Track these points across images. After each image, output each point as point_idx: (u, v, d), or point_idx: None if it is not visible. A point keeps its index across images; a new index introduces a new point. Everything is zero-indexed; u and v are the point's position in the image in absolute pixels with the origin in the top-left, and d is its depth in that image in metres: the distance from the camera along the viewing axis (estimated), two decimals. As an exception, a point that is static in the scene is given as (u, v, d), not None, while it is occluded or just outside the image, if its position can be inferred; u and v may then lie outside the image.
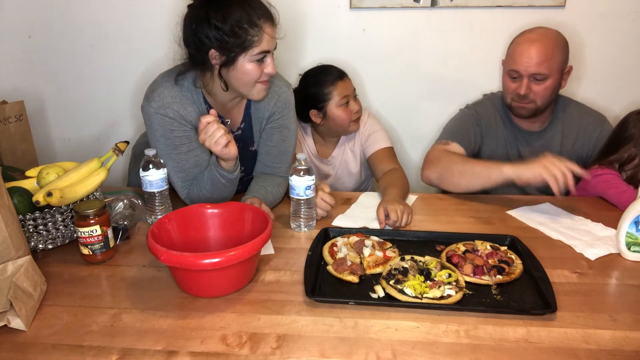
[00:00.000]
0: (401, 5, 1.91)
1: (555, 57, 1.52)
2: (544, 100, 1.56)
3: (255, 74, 1.28)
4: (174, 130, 1.34)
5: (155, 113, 1.33)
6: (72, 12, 2.03)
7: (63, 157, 2.12)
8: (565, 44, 1.56)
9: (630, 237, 1.17)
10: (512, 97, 1.59)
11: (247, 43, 1.23)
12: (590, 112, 1.68)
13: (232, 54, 1.24)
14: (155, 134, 1.35)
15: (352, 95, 1.74)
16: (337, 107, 1.71)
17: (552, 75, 1.53)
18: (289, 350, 0.88)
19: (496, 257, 1.14)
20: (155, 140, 1.36)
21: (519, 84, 1.55)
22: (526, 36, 1.55)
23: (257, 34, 1.23)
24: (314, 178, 1.30)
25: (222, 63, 1.27)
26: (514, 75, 1.56)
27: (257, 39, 1.23)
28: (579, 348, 0.88)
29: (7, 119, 1.85)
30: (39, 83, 2.15)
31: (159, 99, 1.33)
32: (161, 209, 1.37)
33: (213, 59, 1.27)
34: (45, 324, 0.96)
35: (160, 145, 1.36)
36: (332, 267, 1.12)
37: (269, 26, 1.25)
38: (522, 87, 1.54)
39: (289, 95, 1.48)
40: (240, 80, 1.29)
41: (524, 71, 1.52)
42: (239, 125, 1.47)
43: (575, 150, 1.65)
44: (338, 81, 1.71)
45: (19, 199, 1.17)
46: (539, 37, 1.52)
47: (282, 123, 1.47)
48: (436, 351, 0.88)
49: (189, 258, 0.96)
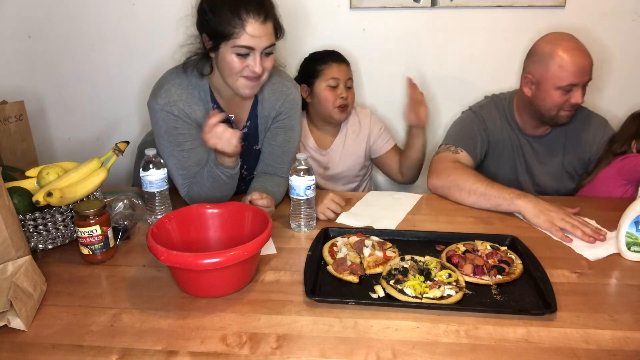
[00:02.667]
0: (401, 5, 1.91)
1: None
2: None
3: (236, 67, 1.27)
4: (178, 127, 1.34)
5: (161, 110, 1.33)
6: (72, 12, 2.03)
7: (63, 157, 2.12)
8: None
9: (630, 237, 1.17)
10: (561, 108, 1.54)
11: (227, 32, 1.23)
12: (592, 115, 1.68)
13: (216, 40, 1.26)
14: (160, 130, 1.36)
15: (343, 81, 1.75)
16: (324, 87, 1.74)
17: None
18: (289, 350, 0.88)
19: (496, 257, 1.14)
20: (159, 136, 1.37)
21: (573, 94, 1.51)
22: (565, 45, 1.49)
23: (238, 27, 1.22)
24: (314, 178, 1.30)
25: (210, 48, 1.29)
26: (569, 88, 1.51)
27: (237, 32, 1.22)
28: (579, 348, 0.88)
29: (7, 118, 1.85)
30: (39, 83, 2.15)
31: (166, 96, 1.33)
32: (161, 209, 1.37)
33: (205, 43, 1.30)
34: (45, 324, 0.96)
35: (164, 142, 1.36)
36: (332, 267, 1.12)
37: (255, 23, 1.22)
38: (580, 96, 1.50)
39: (296, 96, 1.49)
40: (223, 70, 1.30)
41: (581, 81, 1.49)
42: (245, 123, 1.47)
43: (577, 153, 1.65)
44: (333, 62, 1.74)
45: (19, 199, 1.17)
46: (577, 43, 1.50)
47: (288, 124, 1.47)
48: (436, 351, 0.88)
49: (189, 258, 0.96)
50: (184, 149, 1.36)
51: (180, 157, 1.37)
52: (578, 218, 1.32)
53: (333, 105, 1.75)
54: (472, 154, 1.60)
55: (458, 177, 1.49)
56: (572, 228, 1.28)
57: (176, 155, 1.37)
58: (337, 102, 1.75)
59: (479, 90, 1.84)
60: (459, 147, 1.60)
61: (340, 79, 1.74)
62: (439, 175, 1.54)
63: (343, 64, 1.77)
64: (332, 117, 1.78)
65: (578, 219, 1.31)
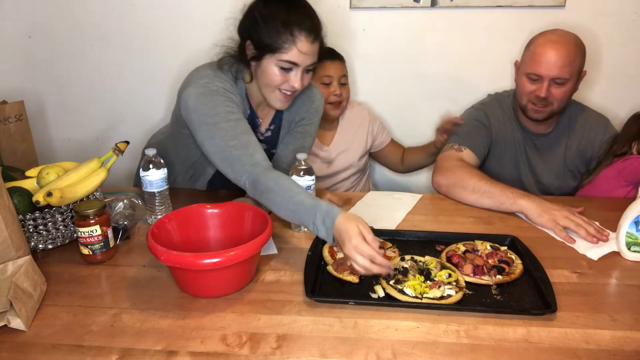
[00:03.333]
0: (401, 5, 1.91)
1: (576, 61, 1.49)
2: (560, 104, 1.54)
3: (277, 80, 1.27)
4: (227, 102, 1.27)
5: (209, 90, 1.27)
6: (72, 12, 2.03)
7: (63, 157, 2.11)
8: (583, 47, 1.53)
9: (630, 237, 1.17)
10: (529, 99, 1.56)
11: (276, 45, 1.23)
12: (593, 115, 1.68)
13: (261, 50, 1.26)
14: (204, 108, 1.25)
15: (337, 79, 1.77)
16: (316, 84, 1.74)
17: (571, 79, 1.50)
18: (289, 350, 0.88)
19: (496, 257, 1.14)
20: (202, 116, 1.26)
21: (539, 87, 1.51)
22: (548, 37, 1.50)
23: (288, 42, 1.22)
24: (314, 178, 1.30)
25: (252, 56, 1.29)
26: (534, 77, 1.52)
27: (287, 47, 1.23)
28: (579, 348, 0.88)
29: (7, 119, 1.85)
30: (39, 83, 2.15)
31: (210, 80, 1.29)
32: (161, 209, 1.37)
33: (247, 50, 1.29)
34: (45, 324, 0.96)
35: (208, 119, 1.24)
36: (332, 267, 1.12)
37: (305, 41, 1.23)
38: (543, 90, 1.50)
39: (320, 104, 1.51)
40: (262, 79, 1.31)
41: (545, 74, 1.49)
42: (268, 127, 1.47)
43: (579, 151, 1.65)
44: (326, 60, 1.75)
45: (19, 199, 1.17)
46: (561, 39, 1.49)
47: (308, 130, 1.49)
48: (436, 351, 0.88)
49: (188, 258, 0.96)
50: (230, 119, 1.25)
51: (227, 127, 1.24)
52: (582, 217, 1.31)
53: (326, 102, 1.76)
54: (475, 151, 1.61)
55: (461, 175, 1.49)
56: (576, 227, 1.27)
57: (223, 127, 1.23)
58: (330, 99, 1.76)
59: (479, 90, 1.84)
60: (462, 145, 1.60)
61: (334, 77, 1.76)
62: (443, 174, 1.54)
63: (336, 61, 1.78)
64: (326, 113, 1.79)
65: (582, 217, 1.31)
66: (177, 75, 2.05)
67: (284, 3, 1.26)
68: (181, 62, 2.03)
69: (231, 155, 1.22)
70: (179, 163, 1.54)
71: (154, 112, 2.14)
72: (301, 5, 1.28)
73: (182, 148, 1.49)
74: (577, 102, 1.70)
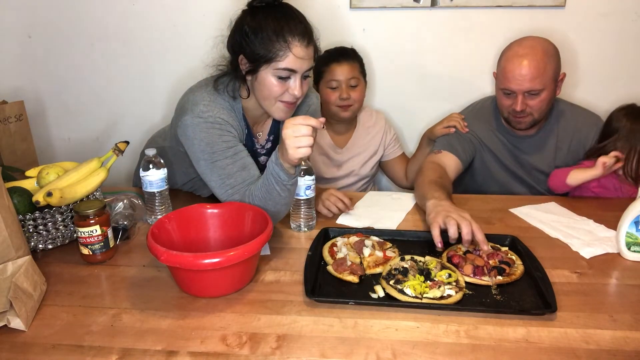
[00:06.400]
0: (401, 5, 1.91)
1: (547, 69, 1.47)
2: (540, 112, 1.55)
3: (276, 90, 1.25)
4: (223, 135, 1.28)
5: (205, 122, 1.26)
6: (72, 12, 2.03)
7: (63, 157, 2.12)
8: (555, 52, 1.52)
9: (630, 237, 1.17)
10: (508, 112, 1.57)
11: (270, 55, 1.21)
12: (583, 113, 1.68)
13: (256, 63, 1.23)
14: (200, 144, 1.27)
15: (345, 82, 1.74)
16: (324, 88, 1.76)
17: (546, 88, 1.49)
18: (289, 350, 0.88)
19: (497, 258, 1.14)
20: (199, 152, 1.28)
21: (514, 101, 1.52)
22: (515, 51, 1.50)
23: (283, 50, 1.20)
24: (314, 178, 1.30)
25: (248, 70, 1.26)
26: (507, 92, 1.52)
27: (282, 54, 1.21)
28: (579, 348, 0.88)
29: (7, 119, 1.85)
30: (39, 83, 2.15)
31: (206, 109, 1.27)
32: (161, 209, 1.37)
33: (241, 65, 1.27)
34: (45, 324, 0.96)
35: (205, 156, 1.27)
36: (332, 267, 1.12)
37: (299, 46, 1.21)
38: (518, 104, 1.50)
39: (317, 107, 1.50)
40: (260, 93, 1.28)
41: (517, 89, 1.49)
42: (267, 138, 1.47)
43: (570, 151, 1.65)
44: (332, 63, 1.74)
45: (19, 199, 1.17)
46: (529, 50, 1.48)
47: None
48: (436, 351, 0.88)
49: (188, 258, 0.96)
50: (227, 155, 1.28)
51: (224, 165, 1.27)
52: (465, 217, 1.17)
53: (334, 104, 1.76)
54: (455, 152, 1.62)
55: (422, 177, 1.51)
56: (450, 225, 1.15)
57: (220, 164, 1.27)
58: (337, 103, 1.75)
59: (478, 90, 1.84)
60: (438, 148, 1.65)
61: (341, 80, 1.73)
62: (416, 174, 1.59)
63: (345, 63, 1.74)
64: (336, 115, 1.78)
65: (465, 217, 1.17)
66: (177, 75, 2.05)
67: (271, 12, 1.23)
68: (181, 62, 2.03)
69: (230, 192, 1.27)
70: (179, 174, 1.54)
71: (154, 112, 2.13)
72: (290, 11, 1.25)
73: (182, 163, 1.47)
74: (565, 102, 1.70)
